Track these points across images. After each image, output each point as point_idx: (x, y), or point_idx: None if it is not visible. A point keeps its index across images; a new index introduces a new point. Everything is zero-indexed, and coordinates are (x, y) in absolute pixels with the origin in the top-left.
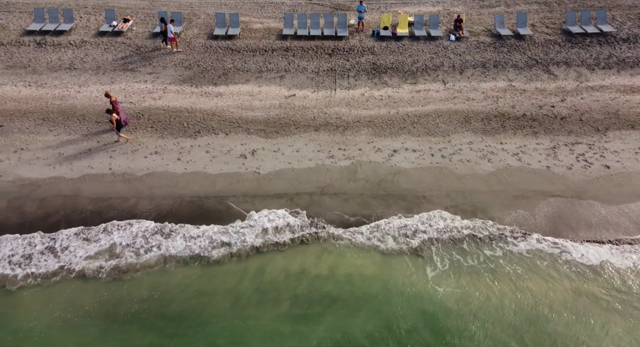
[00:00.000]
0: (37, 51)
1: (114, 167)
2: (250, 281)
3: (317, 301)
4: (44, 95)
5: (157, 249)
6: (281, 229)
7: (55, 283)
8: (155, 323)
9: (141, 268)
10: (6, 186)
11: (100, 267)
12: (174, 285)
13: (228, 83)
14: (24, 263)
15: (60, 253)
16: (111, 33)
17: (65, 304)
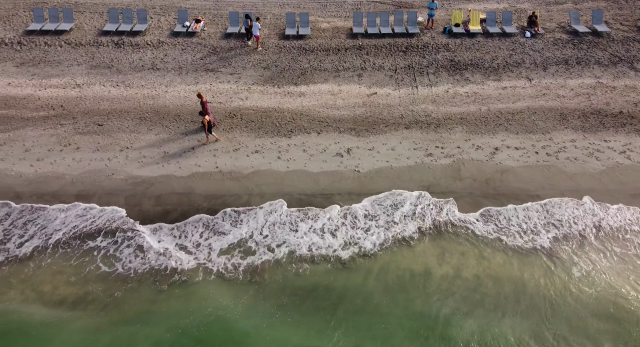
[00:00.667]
0: (116, 51)
1: (220, 165)
2: (379, 278)
3: (459, 298)
4: (134, 95)
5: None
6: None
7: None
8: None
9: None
10: (120, 184)
11: (237, 265)
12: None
13: (308, 83)
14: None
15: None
16: (185, 34)
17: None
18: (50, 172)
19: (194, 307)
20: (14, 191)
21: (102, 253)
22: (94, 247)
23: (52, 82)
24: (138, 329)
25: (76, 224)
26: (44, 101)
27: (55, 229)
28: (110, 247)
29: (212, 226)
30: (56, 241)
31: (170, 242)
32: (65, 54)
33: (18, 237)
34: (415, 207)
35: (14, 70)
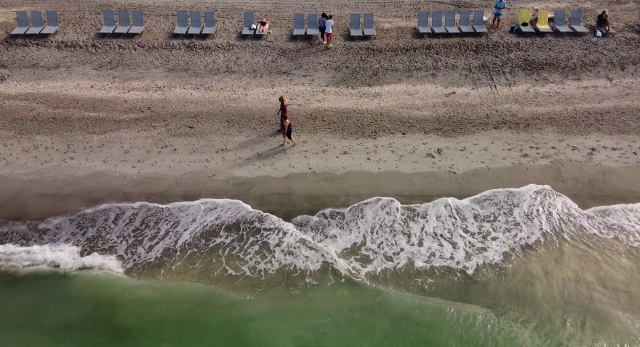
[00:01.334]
0: (190, 54)
1: (312, 166)
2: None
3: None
4: (216, 98)
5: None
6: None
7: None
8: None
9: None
10: (223, 184)
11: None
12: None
13: (381, 83)
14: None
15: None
16: (252, 36)
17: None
18: (153, 173)
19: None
20: (122, 191)
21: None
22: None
23: (134, 84)
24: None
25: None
26: (131, 104)
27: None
28: (263, 240)
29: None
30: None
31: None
32: (141, 57)
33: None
34: (535, 206)
35: (94, 73)
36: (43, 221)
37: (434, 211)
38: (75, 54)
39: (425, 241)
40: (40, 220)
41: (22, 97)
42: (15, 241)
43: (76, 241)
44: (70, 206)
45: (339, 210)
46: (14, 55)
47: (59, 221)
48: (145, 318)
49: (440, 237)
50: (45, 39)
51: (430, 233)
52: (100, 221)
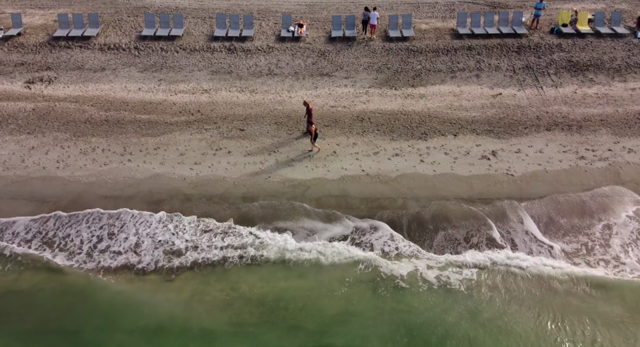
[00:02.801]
0: (231, 57)
1: (365, 168)
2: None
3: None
4: (262, 101)
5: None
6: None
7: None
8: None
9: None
10: (279, 186)
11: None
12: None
13: (425, 84)
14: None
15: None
16: (291, 38)
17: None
18: (211, 175)
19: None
20: (183, 193)
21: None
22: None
23: (180, 87)
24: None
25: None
26: (180, 106)
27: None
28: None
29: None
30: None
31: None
32: (184, 60)
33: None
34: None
35: (140, 75)
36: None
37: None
38: (119, 57)
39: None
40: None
41: (72, 100)
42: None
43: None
44: (133, 207)
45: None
46: (58, 58)
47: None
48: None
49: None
50: (87, 42)
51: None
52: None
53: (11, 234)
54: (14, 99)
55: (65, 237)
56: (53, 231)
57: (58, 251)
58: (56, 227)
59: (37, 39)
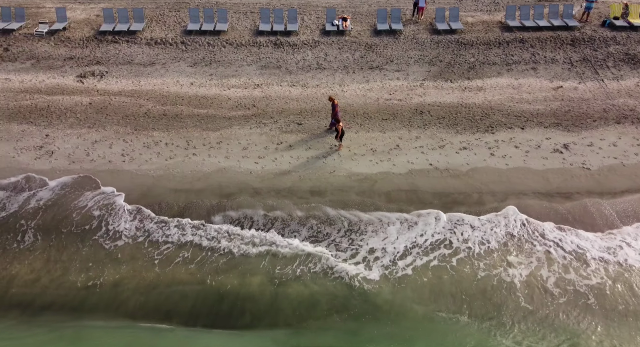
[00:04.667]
0: (278, 51)
1: (432, 162)
2: None
3: None
4: (314, 95)
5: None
6: None
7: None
8: None
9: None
10: (345, 180)
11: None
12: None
13: (481, 77)
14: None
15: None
16: (336, 32)
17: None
18: (275, 169)
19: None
20: (252, 187)
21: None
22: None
23: (232, 82)
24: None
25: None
26: (235, 101)
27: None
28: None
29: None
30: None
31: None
32: (232, 55)
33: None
34: None
35: (190, 70)
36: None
37: None
38: (166, 51)
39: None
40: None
41: (126, 94)
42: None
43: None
44: (205, 201)
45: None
46: (106, 52)
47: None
48: None
49: None
50: (134, 36)
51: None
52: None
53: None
54: (68, 93)
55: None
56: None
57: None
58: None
59: (82, 34)
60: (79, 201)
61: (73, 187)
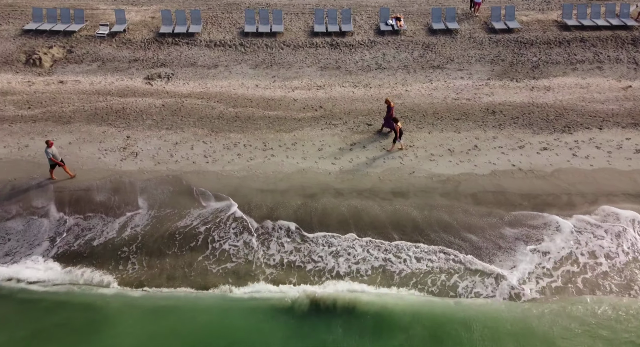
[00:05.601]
0: (335, 52)
1: (514, 162)
2: None
3: None
4: (378, 95)
5: None
6: None
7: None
8: None
9: None
10: (427, 182)
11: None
12: None
13: (546, 76)
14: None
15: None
16: (390, 32)
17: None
18: (353, 169)
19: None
20: (333, 187)
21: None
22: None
23: (295, 83)
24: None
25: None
26: (302, 102)
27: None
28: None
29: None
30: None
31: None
32: (290, 56)
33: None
34: None
35: (253, 72)
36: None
37: None
38: (227, 54)
39: None
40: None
41: (196, 96)
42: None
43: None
44: (291, 201)
45: None
46: (169, 54)
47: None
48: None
49: None
50: (193, 38)
51: None
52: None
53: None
54: (139, 95)
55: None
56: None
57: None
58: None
59: (142, 35)
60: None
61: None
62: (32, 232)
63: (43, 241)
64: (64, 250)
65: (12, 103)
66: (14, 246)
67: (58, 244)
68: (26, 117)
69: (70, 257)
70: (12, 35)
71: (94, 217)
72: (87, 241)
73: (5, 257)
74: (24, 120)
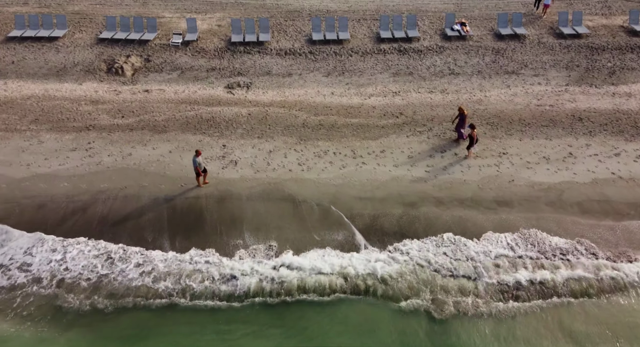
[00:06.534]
0: (405, 58)
1: (614, 171)
2: None
3: None
4: (457, 101)
5: None
6: None
7: None
8: None
9: None
10: (527, 190)
11: None
12: None
13: (626, 82)
14: None
15: None
16: (457, 37)
17: None
18: (449, 177)
19: None
20: (432, 196)
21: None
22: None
23: (369, 90)
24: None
25: None
26: (381, 109)
27: None
28: None
29: None
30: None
31: None
32: (360, 63)
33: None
34: None
35: (326, 80)
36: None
37: None
38: (298, 62)
39: None
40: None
41: (277, 105)
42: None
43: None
44: (392, 209)
45: None
46: (243, 63)
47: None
48: None
49: None
50: (263, 47)
51: None
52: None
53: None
54: (224, 104)
55: None
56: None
57: None
58: None
59: (214, 44)
60: None
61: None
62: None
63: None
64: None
65: (105, 112)
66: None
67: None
68: (122, 126)
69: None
70: (88, 43)
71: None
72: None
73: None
74: (120, 129)
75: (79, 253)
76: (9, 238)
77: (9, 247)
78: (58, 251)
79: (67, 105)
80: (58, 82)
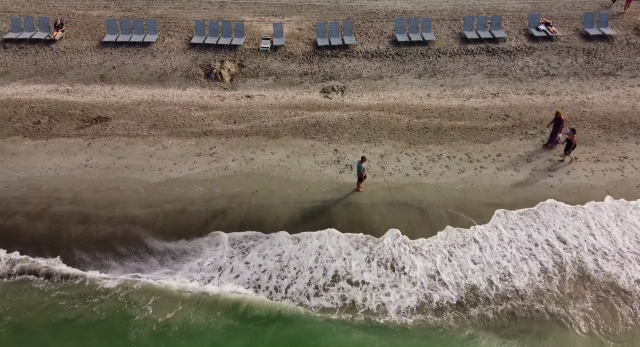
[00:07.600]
0: (494, 58)
1: None
2: None
3: None
4: (559, 103)
5: None
6: None
7: None
8: None
9: None
10: None
11: None
12: None
13: None
14: None
15: None
16: (544, 38)
17: None
18: (576, 182)
19: None
20: (562, 201)
21: None
22: None
23: (466, 92)
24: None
25: None
26: (484, 111)
27: None
28: None
29: None
30: None
31: None
32: (450, 64)
33: None
34: None
35: (419, 82)
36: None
37: None
38: (386, 64)
39: None
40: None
41: (376, 108)
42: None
43: None
44: None
45: None
46: (333, 67)
47: None
48: None
49: None
50: (349, 50)
51: None
52: None
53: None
54: (324, 108)
55: None
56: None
57: None
58: None
59: (300, 48)
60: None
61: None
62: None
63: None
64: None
65: (217, 117)
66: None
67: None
68: (237, 132)
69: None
70: (180, 48)
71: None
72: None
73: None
74: (236, 134)
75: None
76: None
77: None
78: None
79: (179, 110)
80: (162, 88)
